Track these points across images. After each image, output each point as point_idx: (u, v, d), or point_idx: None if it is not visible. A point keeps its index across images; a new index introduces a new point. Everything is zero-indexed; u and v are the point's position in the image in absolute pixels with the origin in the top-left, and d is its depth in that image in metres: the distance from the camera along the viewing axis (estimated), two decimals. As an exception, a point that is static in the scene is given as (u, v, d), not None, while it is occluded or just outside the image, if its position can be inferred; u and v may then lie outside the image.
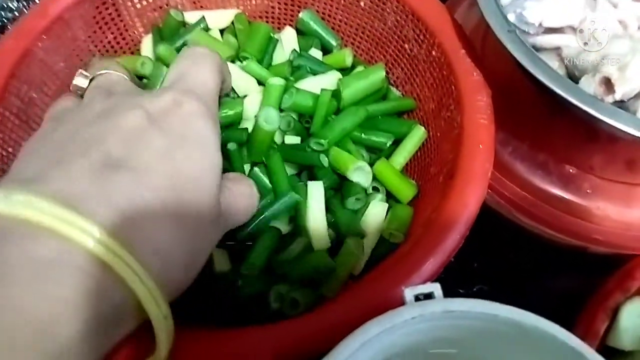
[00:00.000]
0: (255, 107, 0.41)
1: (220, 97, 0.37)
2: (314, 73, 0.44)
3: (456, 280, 0.46)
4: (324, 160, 0.38)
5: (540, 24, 0.36)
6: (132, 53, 0.47)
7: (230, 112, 0.40)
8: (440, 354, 0.29)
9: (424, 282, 0.30)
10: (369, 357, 0.25)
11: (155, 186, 0.24)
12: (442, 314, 0.24)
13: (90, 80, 0.33)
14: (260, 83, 0.43)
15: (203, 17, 0.46)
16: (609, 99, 0.32)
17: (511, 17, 0.37)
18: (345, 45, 0.49)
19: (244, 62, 0.43)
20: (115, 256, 0.21)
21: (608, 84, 0.33)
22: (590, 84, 0.33)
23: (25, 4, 0.52)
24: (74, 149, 0.25)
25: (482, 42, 0.43)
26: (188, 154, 0.26)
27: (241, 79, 0.43)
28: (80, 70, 0.34)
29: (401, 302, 0.26)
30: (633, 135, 0.30)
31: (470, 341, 0.27)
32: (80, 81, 0.33)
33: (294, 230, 0.38)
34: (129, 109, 0.26)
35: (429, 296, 0.26)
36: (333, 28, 0.48)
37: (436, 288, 0.26)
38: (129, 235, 0.22)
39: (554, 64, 0.37)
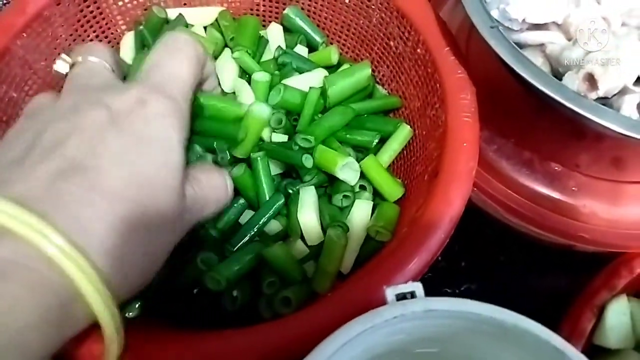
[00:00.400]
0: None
1: (201, 84, 0.37)
2: (300, 71, 0.44)
3: (444, 279, 0.46)
4: (308, 162, 0.38)
5: (523, 20, 0.36)
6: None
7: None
8: (425, 353, 0.29)
9: (409, 281, 0.30)
10: (352, 357, 0.25)
11: (108, 189, 0.25)
12: (423, 313, 0.24)
13: (72, 67, 0.33)
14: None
15: (180, 14, 0.45)
16: (593, 95, 0.32)
17: (495, 14, 0.37)
18: (331, 43, 0.48)
19: (235, 54, 0.43)
20: (68, 258, 0.22)
21: (591, 80, 0.32)
22: (573, 81, 0.33)
23: (6, 2, 0.51)
24: (37, 152, 0.26)
25: (467, 40, 0.43)
26: (145, 154, 0.27)
27: (229, 73, 0.43)
28: (62, 55, 0.34)
29: (385, 302, 0.26)
30: (615, 132, 0.30)
31: (453, 340, 0.27)
32: (60, 66, 0.33)
33: (284, 229, 0.38)
34: (92, 108, 0.27)
35: (410, 295, 0.25)
36: (318, 25, 0.48)
37: (417, 287, 0.25)
38: (81, 238, 0.23)
39: (538, 60, 0.37)
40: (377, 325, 0.24)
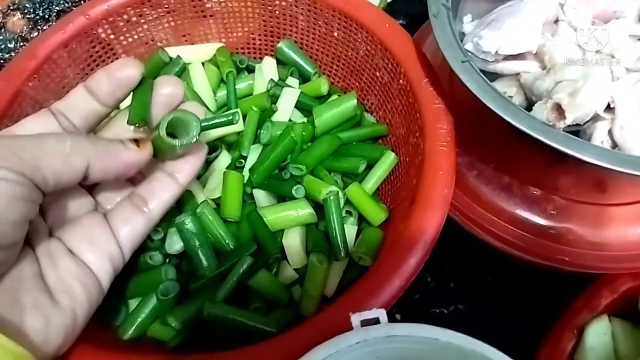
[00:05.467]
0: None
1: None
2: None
3: (433, 300, 0.47)
4: (299, 192, 0.40)
5: (496, 52, 0.37)
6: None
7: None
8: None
9: (383, 306, 0.31)
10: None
11: None
12: (385, 338, 0.26)
13: None
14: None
15: (178, 55, 0.48)
16: (561, 124, 0.33)
17: (469, 46, 0.38)
18: (323, 73, 0.51)
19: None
20: None
21: (559, 109, 0.34)
22: (542, 111, 0.34)
23: (22, 44, 0.55)
24: None
25: (451, 72, 0.45)
26: None
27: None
28: None
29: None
30: (581, 160, 0.31)
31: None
32: None
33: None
34: None
35: (375, 321, 0.27)
36: (311, 57, 0.50)
37: (381, 314, 0.27)
38: None
39: (512, 89, 0.38)
40: (342, 350, 0.26)
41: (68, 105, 0.32)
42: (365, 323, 0.27)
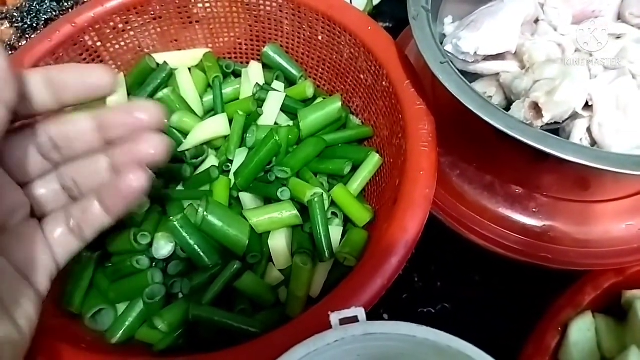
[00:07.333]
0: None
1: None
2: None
3: (420, 299, 0.47)
4: (285, 194, 0.41)
5: (475, 53, 0.38)
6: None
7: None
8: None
9: (366, 304, 0.31)
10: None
11: None
12: (363, 336, 0.26)
13: None
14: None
15: (165, 62, 0.49)
16: (538, 123, 0.34)
17: (449, 48, 0.39)
18: (309, 76, 0.51)
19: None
20: None
21: (537, 108, 0.34)
22: (520, 110, 0.34)
23: (11, 53, 0.56)
24: None
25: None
26: None
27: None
28: None
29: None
30: (560, 158, 0.31)
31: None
32: None
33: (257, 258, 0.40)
34: None
35: (354, 320, 0.27)
36: (297, 60, 0.51)
37: (360, 312, 0.27)
38: None
39: (492, 89, 0.38)
40: (320, 349, 0.26)
41: None
42: (344, 322, 0.27)
